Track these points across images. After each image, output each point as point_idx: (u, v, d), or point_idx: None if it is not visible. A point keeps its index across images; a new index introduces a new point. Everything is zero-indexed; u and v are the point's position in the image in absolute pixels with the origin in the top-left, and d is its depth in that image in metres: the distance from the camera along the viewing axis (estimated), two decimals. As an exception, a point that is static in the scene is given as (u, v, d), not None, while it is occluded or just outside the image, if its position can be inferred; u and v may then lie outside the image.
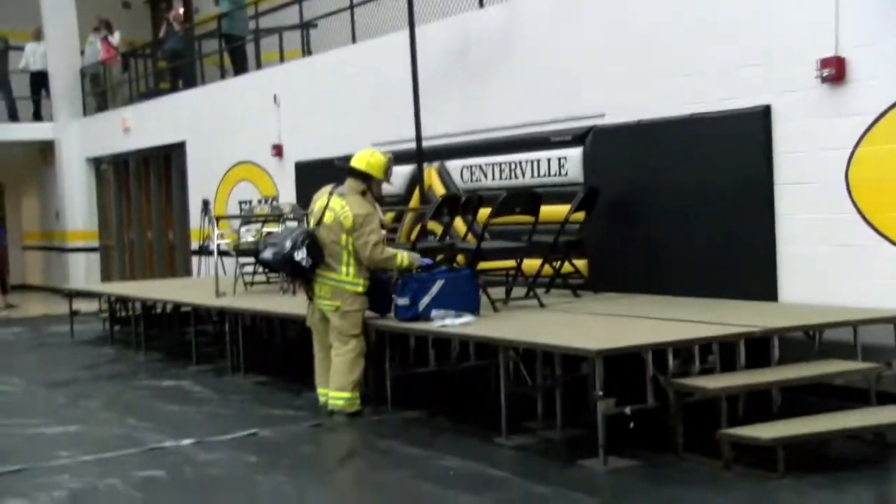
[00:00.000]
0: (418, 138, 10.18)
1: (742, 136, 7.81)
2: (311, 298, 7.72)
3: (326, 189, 7.72)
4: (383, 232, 7.73)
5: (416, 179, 10.54)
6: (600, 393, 5.86)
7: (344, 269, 7.50)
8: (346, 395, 7.54)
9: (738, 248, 7.87)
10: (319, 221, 7.57)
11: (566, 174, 9.21)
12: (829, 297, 7.29)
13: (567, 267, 8.74)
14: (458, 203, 9.02)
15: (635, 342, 6.18)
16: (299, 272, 7.63)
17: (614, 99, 8.87)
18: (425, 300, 7.43)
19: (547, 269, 8.58)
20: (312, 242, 7.50)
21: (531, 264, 8.56)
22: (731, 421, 6.00)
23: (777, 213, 7.66)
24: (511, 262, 8.55)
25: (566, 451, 6.41)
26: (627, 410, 5.96)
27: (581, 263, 8.86)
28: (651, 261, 8.49)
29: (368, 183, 7.58)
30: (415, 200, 10.69)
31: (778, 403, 6.64)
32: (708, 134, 8.04)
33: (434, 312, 7.40)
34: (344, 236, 7.45)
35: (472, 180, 10.25)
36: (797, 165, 7.52)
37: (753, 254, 7.78)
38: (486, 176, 10.08)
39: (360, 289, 7.54)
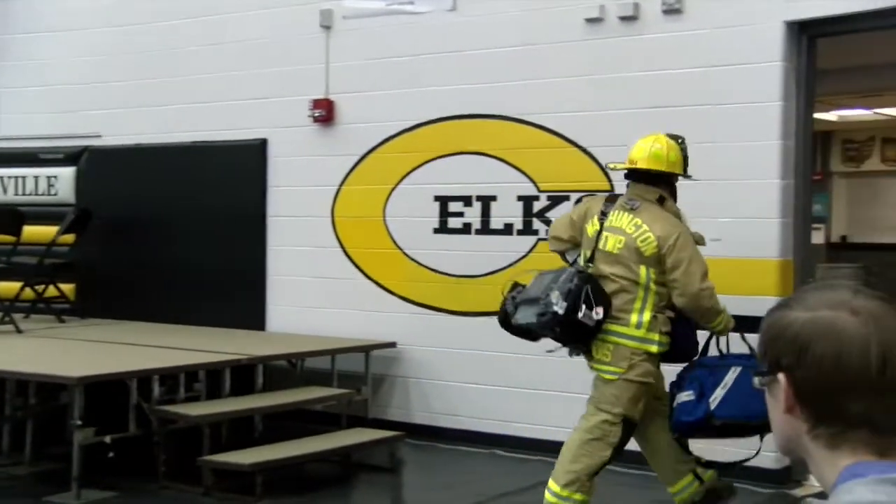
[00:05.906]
0: None
1: (240, 168, 8.00)
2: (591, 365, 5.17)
3: (594, 202, 5.28)
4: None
5: None
6: (79, 422, 5.65)
7: (634, 317, 4.98)
8: (556, 488, 4.97)
9: (233, 278, 8.02)
10: (594, 251, 5.11)
11: (56, 194, 8.82)
12: (313, 327, 7.63)
13: (52, 291, 8.33)
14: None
15: (119, 369, 6.04)
16: (583, 333, 5.05)
17: (113, 120, 8.65)
18: (718, 393, 4.91)
19: (28, 292, 8.12)
20: (596, 287, 5.05)
21: (10, 287, 8.05)
22: (215, 448, 6.07)
23: (268, 244, 7.91)
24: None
25: (34, 488, 6.05)
26: (108, 439, 5.80)
27: (68, 288, 8.48)
28: (146, 287, 8.35)
29: (665, 186, 5.10)
30: None
31: (260, 429, 6.85)
32: (208, 163, 8.13)
33: None
34: (643, 269, 5.01)
35: (-50, 194, 9.45)
36: (289, 199, 7.83)
37: (246, 284, 7.97)
38: (-35, 190, 9.35)
39: (654, 347, 4.99)
